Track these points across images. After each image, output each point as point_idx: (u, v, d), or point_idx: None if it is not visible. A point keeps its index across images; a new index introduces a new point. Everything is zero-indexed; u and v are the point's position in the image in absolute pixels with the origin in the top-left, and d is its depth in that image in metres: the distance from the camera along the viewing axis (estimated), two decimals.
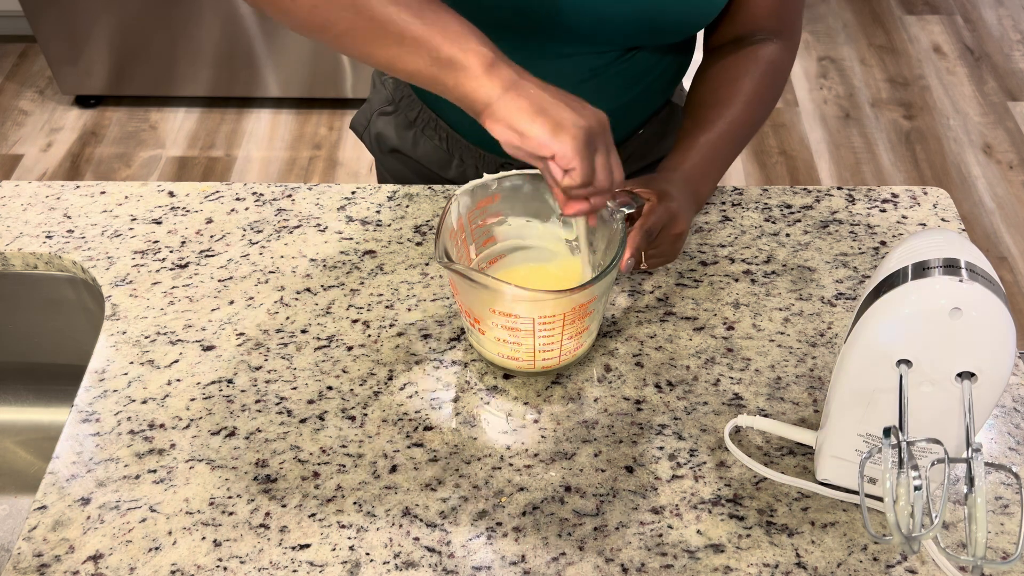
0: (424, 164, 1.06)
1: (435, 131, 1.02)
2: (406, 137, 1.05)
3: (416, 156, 1.06)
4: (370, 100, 1.10)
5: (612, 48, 0.88)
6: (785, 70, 0.92)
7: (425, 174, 1.07)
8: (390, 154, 1.09)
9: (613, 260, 0.73)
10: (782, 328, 0.85)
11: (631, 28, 0.85)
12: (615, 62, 0.89)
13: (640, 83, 0.94)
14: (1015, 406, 0.80)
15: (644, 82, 0.94)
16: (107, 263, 0.91)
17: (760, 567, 0.69)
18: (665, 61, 0.93)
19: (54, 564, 0.69)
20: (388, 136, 1.07)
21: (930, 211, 0.97)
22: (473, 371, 0.82)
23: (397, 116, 1.05)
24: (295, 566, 0.69)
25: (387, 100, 1.06)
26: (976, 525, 0.54)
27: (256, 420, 0.78)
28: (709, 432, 0.77)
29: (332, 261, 0.92)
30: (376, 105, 1.08)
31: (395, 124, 1.05)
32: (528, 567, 0.69)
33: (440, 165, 1.05)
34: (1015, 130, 2.52)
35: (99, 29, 2.37)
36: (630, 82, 0.93)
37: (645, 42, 0.88)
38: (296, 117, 2.54)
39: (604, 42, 0.87)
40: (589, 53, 0.88)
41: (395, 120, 1.05)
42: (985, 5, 2.97)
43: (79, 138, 2.48)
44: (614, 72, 0.90)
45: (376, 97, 1.08)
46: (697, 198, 0.83)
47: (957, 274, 0.59)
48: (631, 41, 0.87)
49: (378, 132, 1.08)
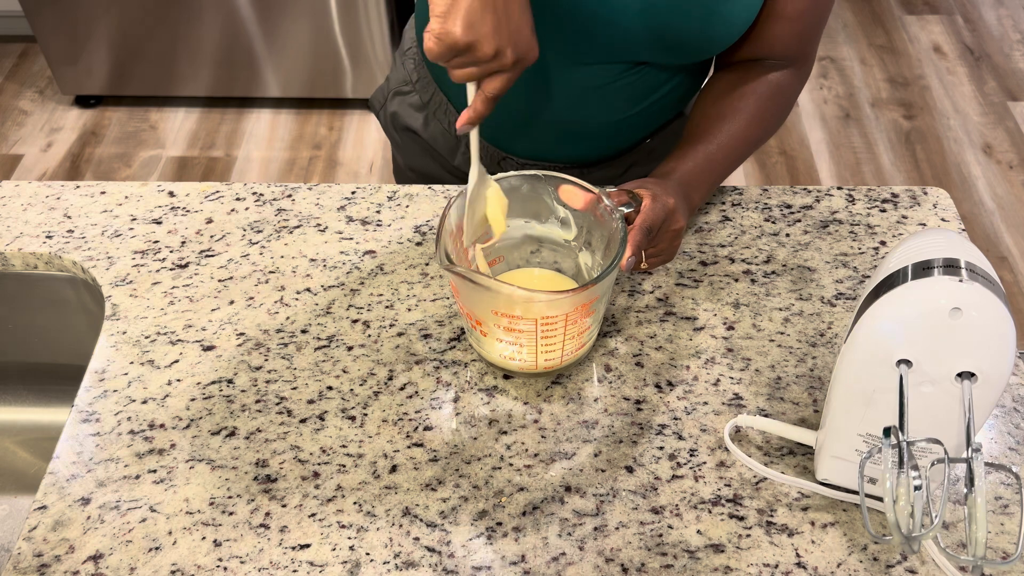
0: (435, 146, 1.07)
1: (445, 115, 1.03)
2: (419, 118, 1.06)
3: (427, 136, 1.07)
4: (389, 79, 1.12)
5: (620, 60, 0.88)
6: (792, 96, 0.92)
7: (435, 156, 1.08)
8: (404, 132, 1.10)
9: (615, 259, 0.73)
10: (782, 328, 0.85)
11: (644, 43, 0.85)
12: (625, 74, 0.89)
13: (649, 97, 0.93)
14: (1015, 406, 0.80)
15: (653, 97, 0.93)
16: (107, 263, 0.91)
17: (760, 567, 0.69)
18: (677, 79, 0.93)
19: (54, 564, 0.69)
20: (403, 115, 1.08)
21: (930, 211, 0.97)
22: (473, 371, 0.82)
23: (412, 96, 1.06)
24: (295, 566, 0.69)
25: (404, 80, 1.07)
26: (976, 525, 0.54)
27: (256, 420, 0.78)
28: (709, 432, 0.77)
29: (332, 261, 0.92)
30: (394, 84, 1.09)
31: (410, 104, 1.07)
32: (528, 567, 0.69)
33: (448, 150, 1.07)
34: (1015, 130, 2.52)
35: (99, 29, 2.37)
36: (639, 96, 0.92)
37: (658, 59, 0.88)
38: (296, 117, 2.54)
39: (611, 54, 0.86)
40: (596, 64, 0.88)
41: (410, 100, 1.07)
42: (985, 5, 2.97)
43: (79, 138, 2.48)
44: (624, 84, 0.90)
45: (395, 76, 1.10)
46: (688, 204, 0.83)
47: (957, 274, 0.59)
48: (644, 55, 0.87)
49: (394, 111, 1.10)
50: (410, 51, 1.06)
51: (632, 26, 0.82)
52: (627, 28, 0.83)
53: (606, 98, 0.91)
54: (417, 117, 1.06)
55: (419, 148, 1.10)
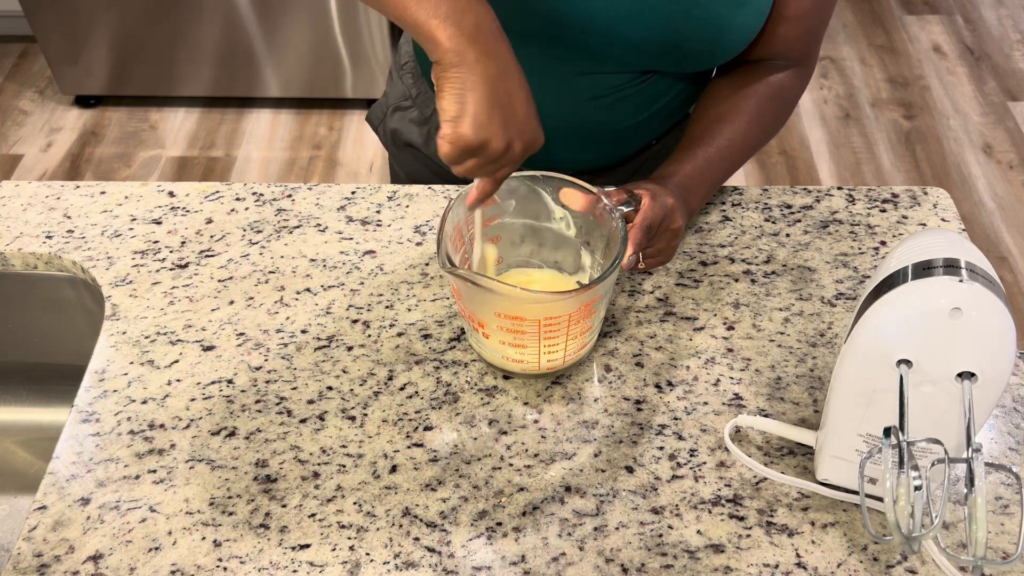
0: (436, 161, 1.06)
1: None
2: (421, 133, 1.05)
3: (429, 153, 1.06)
4: (387, 94, 1.10)
5: (630, 69, 0.87)
6: (794, 97, 0.91)
7: (438, 171, 1.08)
8: (405, 148, 1.09)
9: (616, 258, 0.73)
10: (782, 328, 0.85)
11: (649, 53, 0.84)
12: (632, 83, 0.89)
13: (657, 103, 0.93)
14: (1015, 406, 0.80)
15: (661, 102, 0.93)
16: (107, 263, 0.91)
17: (760, 567, 0.69)
18: (682, 84, 0.93)
19: (54, 564, 0.69)
20: (403, 131, 1.07)
21: (930, 211, 0.97)
22: (473, 371, 0.82)
23: (412, 112, 1.05)
24: (295, 566, 0.69)
25: (404, 95, 1.06)
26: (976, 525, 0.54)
27: (256, 420, 0.78)
28: (709, 432, 0.77)
29: (332, 261, 0.92)
30: (393, 100, 1.08)
31: (411, 119, 1.06)
32: (528, 567, 0.69)
33: None
34: (1015, 130, 2.52)
35: (99, 29, 2.37)
36: (647, 102, 0.92)
37: (663, 67, 0.88)
38: (296, 117, 2.54)
39: (621, 63, 0.86)
40: (606, 72, 0.87)
41: (411, 115, 1.06)
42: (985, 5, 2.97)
43: (79, 138, 2.48)
44: (632, 92, 0.90)
45: (393, 91, 1.08)
46: (687, 206, 0.83)
47: (957, 274, 0.59)
48: (649, 65, 0.87)
49: (394, 128, 1.08)
50: (407, 65, 1.04)
51: (644, 39, 0.82)
52: (638, 41, 0.83)
53: (614, 105, 0.91)
54: (418, 132, 1.05)
55: (421, 164, 1.09)
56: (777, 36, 0.87)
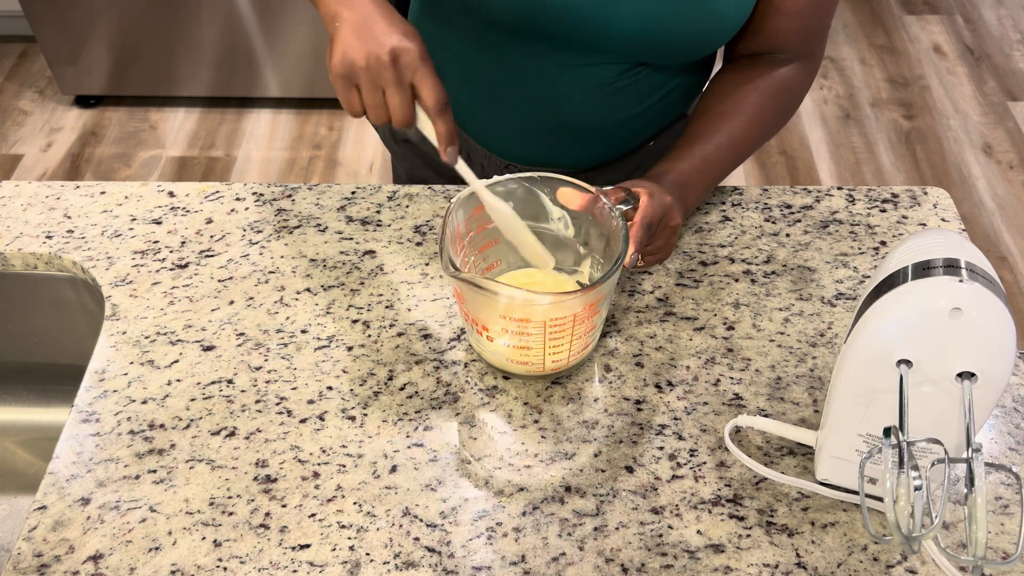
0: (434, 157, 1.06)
1: None
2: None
3: (426, 149, 1.06)
4: None
5: (619, 61, 0.87)
6: (799, 93, 0.91)
7: (436, 167, 1.08)
8: (404, 144, 1.09)
9: (619, 256, 0.73)
10: (782, 328, 0.85)
11: (636, 44, 0.84)
12: (623, 75, 0.89)
13: (651, 97, 0.93)
14: (1015, 406, 0.80)
15: (655, 97, 0.93)
16: (107, 263, 0.91)
17: (760, 567, 0.69)
18: (678, 78, 0.93)
19: (54, 564, 0.69)
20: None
21: (930, 211, 0.97)
22: (473, 371, 0.82)
23: None
24: (295, 566, 0.69)
25: None
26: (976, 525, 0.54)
27: (256, 420, 0.78)
28: (709, 432, 0.77)
29: (332, 261, 0.92)
30: None
31: None
32: (528, 567, 0.69)
33: None
34: (1015, 130, 2.52)
35: (99, 29, 2.37)
36: (640, 96, 0.92)
37: (652, 59, 0.88)
38: (296, 117, 2.54)
39: (610, 55, 0.86)
40: (596, 65, 0.87)
41: None
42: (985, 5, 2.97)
43: (79, 138, 2.48)
44: (623, 85, 0.90)
45: None
46: (684, 204, 0.83)
47: (957, 274, 0.59)
48: (637, 57, 0.87)
49: None
50: None
51: (619, 27, 0.82)
52: (615, 28, 0.83)
53: (607, 99, 0.91)
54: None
55: (420, 160, 1.09)
56: (777, 30, 0.87)
